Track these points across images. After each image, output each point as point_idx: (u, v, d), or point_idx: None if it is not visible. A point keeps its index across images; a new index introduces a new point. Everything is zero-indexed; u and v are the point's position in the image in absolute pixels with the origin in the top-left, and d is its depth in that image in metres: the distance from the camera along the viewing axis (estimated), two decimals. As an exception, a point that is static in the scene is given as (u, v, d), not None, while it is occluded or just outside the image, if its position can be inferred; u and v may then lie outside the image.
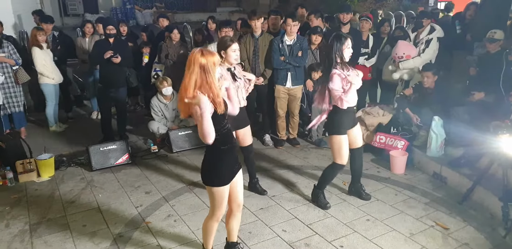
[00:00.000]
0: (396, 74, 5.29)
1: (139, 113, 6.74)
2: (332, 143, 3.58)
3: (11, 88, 5.35)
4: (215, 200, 2.65)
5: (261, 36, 4.97)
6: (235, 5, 21.02)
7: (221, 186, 2.59)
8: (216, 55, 2.42)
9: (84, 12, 17.65)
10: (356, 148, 3.71)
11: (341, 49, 3.37)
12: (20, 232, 3.42)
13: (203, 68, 2.35)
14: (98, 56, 5.06)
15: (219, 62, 2.41)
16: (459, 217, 3.52)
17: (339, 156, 3.57)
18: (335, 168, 3.65)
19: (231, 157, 2.63)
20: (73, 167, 4.71)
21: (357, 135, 3.68)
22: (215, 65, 2.40)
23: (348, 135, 3.58)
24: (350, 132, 3.60)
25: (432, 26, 5.30)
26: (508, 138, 3.32)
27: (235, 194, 2.78)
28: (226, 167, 2.61)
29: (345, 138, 3.53)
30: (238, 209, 2.85)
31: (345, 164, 3.60)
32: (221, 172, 2.59)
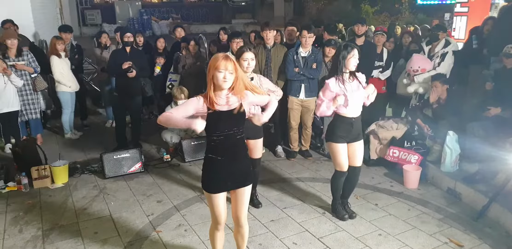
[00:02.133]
0: (410, 87, 5.26)
1: (153, 122, 6.80)
2: (329, 149, 3.68)
3: (29, 96, 5.48)
4: (208, 205, 2.68)
5: (273, 47, 5.02)
6: (250, 17, 21.29)
7: (207, 192, 2.61)
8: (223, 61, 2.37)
9: (102, 22, 18.07)
10: (352, 166, 3.64)
11: (346, 58, 3.39)
12: (33, 238, 3.46)
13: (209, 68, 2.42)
14: (115, 65, 5.15)
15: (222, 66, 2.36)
16: (474, 234, 3.45)
17: (335, 163, 3.63)
18: (336, 175, 3.68)
19: (223, 170, 2.54)
20: (86, 174, 4.77)
21: (355, 152, 3.61)
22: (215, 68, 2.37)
23: (348, 149, 3.58)
24: (349, 146, 3.58)
25: (447, 39, 5.28)
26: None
27: (233, 208, 2.72)
28: (214, 177, 2.56)
29: (340, 147, 3.54)
30: (238, 224, 2.76)
31: (344, 170, 3.60)
32: (208, 179, 2.59)
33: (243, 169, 2.63)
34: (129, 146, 5.33)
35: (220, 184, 2.58)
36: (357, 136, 3.59)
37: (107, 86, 6.43)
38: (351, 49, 3.38)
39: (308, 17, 15.89)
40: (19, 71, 5.30)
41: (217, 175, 2.56)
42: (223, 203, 2.65)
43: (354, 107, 3.48)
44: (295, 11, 18.72)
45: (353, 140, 3.58)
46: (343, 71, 3.43)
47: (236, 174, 2.59)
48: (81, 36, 16.25)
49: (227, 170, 2.56)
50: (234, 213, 2.74)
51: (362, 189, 4.27)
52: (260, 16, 20.31)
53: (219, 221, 2.70)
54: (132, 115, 5.54)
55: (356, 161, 3.64)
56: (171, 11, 20.87)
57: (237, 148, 2.58)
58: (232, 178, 2.58)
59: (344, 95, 3.40)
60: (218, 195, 2.60)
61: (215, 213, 2.67)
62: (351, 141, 3.57)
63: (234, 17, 21.11)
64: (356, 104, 3.48)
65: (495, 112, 4.36)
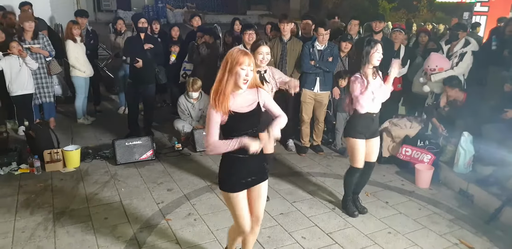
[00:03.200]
0: (426, 86, 5.19)
1: (166, 110, 6.82)
2: (347, 145, 3.67)
3: (43, 79, 5.50)
4: (229, 207, 2.57)
5: (289, 40, 4.97)
6: (265, 9, 21.15)
7: (230, 192, 2.49)
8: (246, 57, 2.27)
9: (117, 9, 18.07)
10: (367, 161, 3.62)
11: (370, 53, 3.36)
12: (44, 220, 3.50)
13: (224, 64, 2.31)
14: (131, 52, 5.14)
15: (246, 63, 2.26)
16: (485, 236, 3.42)
17: (353, 158, 3.61)
18: (351, 171, 3.66)
19: (244, 168, 2.47)
20: (98, 159, 4.79)
21: (372, 147, 3.60)
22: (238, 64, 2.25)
23: (366, 144, 3.56)
24: (367, 142, 3.57)
25: (467, 39, 5.18)
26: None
27: (252, 206, 2.62)
28: (236, 175, 2.47)
29: (359, 142, 3.53)
30: (256, 222, 2.68)
31: (360, 167, 3.59)
32: (229, 179, 2.48)
33: (260, 165, 2.56)
34: (141, 133, 5.35)
35: (241, 182, 2.48)
36: (375, 131, 3.60)
37: (120, 73, 6.44)
38: (375, 44, 3.35)
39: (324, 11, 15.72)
40: (34, 54, 5.32)
41: (239, 173, 2.47)
42: (246, 204, 2.54)
43: (377, 104, 3.48)
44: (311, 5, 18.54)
45: (371, 136, 3.56)
46: (367, 67, 3.39)
47: (254, 171, 2.52)
48: (96, 21, 16.28)
49: (246, 167, 2.48)
50: (254, 212, 2.62)
51: (373, 186, 4.25)
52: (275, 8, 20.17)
53: (245, 228, 2.56)
54: (145, 103, 5.55)
55: (372, 156, 3.64)
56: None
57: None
58: (251, 174, 2.50)
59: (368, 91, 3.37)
60: (240, 194, 2.50)
61: (238, 213, 2.52)
62: (369, 137, 3.56)
63: (249, 8, 20.99)
64: (379, 101, 3.47)
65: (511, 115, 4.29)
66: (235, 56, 2.27)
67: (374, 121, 3.54)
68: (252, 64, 2.29)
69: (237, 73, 2.27)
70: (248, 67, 2.27)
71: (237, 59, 2.25)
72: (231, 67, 2.27)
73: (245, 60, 2.25)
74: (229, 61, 2.28)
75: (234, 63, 2.26)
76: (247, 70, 2.27)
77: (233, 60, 2.27)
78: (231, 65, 2.27)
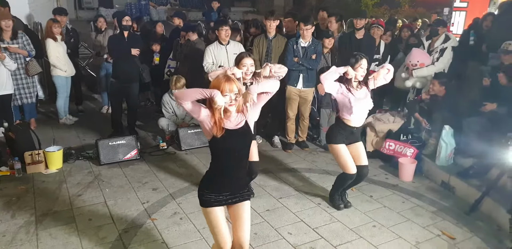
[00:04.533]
0: (409, 82, 5.26)
1: (150, 109, 6.76)
2: (332, 154, 3.67)
3: (23, 80, 5.38)
4: (208, 224, 2.47)
5: (275, 38, 4.97)
6: (249, 6, 21.05)
7: (202, 207, 2.44)
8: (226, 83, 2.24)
9: (99, 6, 17.77)
10: (359, 165, 3.61)
11: (354, 67, 3.38)
12: (26, 223, 3.44)
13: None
14: (114, 51, 5.09)
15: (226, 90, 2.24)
16: (466, 227, 3.49)
17: (341, 165, 3.61)
18: (344, 177, 3.65)
19: (221, 184, 2.41)
20: (81, 160, 4.73)
21: (357, 150, 3.61)
22: (221, 92, 2.23)
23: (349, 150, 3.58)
24: (349, 147, 3.59)
25: (447, 35, 5.27)
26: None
27: (233, 230, 2.47)
28: (210, 189, 2.41)
29: (341, 147, 3.54)
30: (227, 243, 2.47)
31: (352, 173, 3.56)
32: (203, 192, 2.43)
33: (245, 183, 2.53)
34: (125, 133, 5.29)
35: (214, 197, 2.40)
36: (356, 139, 3.63)
37: (102, 72, 6.36)
38: (360, 59, 3.37)
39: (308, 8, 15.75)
40: (13, 54, 5.21)
41: (212, 188, 2.41)
42: (223, 219, 2.43)
43: (358, 117, 3.49)
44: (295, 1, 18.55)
45: (352, 142, 3.60)
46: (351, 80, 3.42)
47: (238, 189, 2.46)
48: (77, 19, 16.00)
49: (230, 186, 2.43)
50: (235, 236, 2.45)
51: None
52: (259, 5, 20.09)
53: (222, 244, 2.43)
54: (129, 102, 5.48)
55: (361, 159, 3.62)
56: (170, -4, 20.57)
57: (243, 163, 2.47)
58: (230, 191, 2.43)
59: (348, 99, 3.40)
60: (215, 210, 2.40)
61: (215, 230, 2.42)
62: (350, 143, 3.59)
63: (233, 5, 20.86)
64: (361, 113, 3.48)
65: (491, 107, 4.37)
66: (216, 84, 2.27)
67: (354, 134, 3.57)
68: (235, 89, 2.27)
69: None
70: (230, 93, 2.26)
71: (217, 87, 2.24)
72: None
73: (226, 88, 2.24)
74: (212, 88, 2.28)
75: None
76: (230, 95, 2.27)
77: (214, 88, 2.25)
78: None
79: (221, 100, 2.23)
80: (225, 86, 2.24)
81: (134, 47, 5.11)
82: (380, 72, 3.46)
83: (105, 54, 6.08)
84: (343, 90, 3.43)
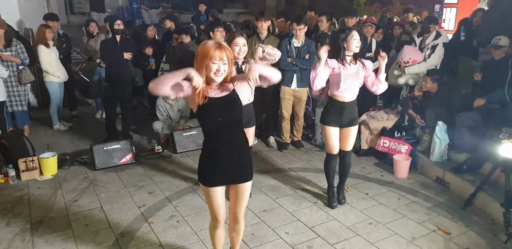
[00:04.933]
0: (401, 79, 5.28)
1: (144, 113, 6.75)
2: (321, 131, 3.75)
3: (14, 87, 5.33)
4: (206, 199, 2.54)
5: (267, 38, 4.98)
6: (241, 7, 21.08)
7: (203, 185, 2.46)
8: (217, 50, 2.17)
9: (90, 11, 17.74)
10: (342, 150, 3.66)
11: (346, 40, 3.37)
12: (21, 231, 3.42)
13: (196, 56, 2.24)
14: (107, 55, 5.08)
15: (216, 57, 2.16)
16: (461, 222, 3.51)
17: (326, 144, 3.71)
18: (327, 158, 3.75)
19: (216, 160, 2.38)
20: (76, 165, 4.72)
21: (346, 137, 3.61)
22: (208, 58, 2.16)
23: (341, 133, 3.61)
24: (341, 131, 3.61)
25: (438, 31, 5.30)
26: (511, 143, 3.32)
27: (232, 204, 2.58)
28: (209, 168, 2.40)
29: (330, 130, 3.57)
30: (234, 221, 2.63)
31: (333, 153, 3.65)
32: (203, 171, 2.43)
33: (243, 163, 2.45)
34: (119, 137, 5.29)
35: (217, 177, 2.41)
36: (351, 121, 3.58)
37: (95, 77, 6.35)
38: (350, 31, 3.37)
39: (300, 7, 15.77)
40: (5, 62, 5.19)
41: (215, 167, 2.39)
42: (221, 198, 2.49)
43: (347, 91, 3.47)
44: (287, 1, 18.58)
45: (346, 125, 3.58)
46: (346, 55, 3.41)
47: (235, 167, 2.42)
48: (68, 24, 15.95)
49: (225, 162, 2.39)
50: (232, 209, 2.59)
51: (353, 179, 4.31)
52: (252, 6, 20.12)
53: (217, 217, 2.54)
54: (123, 106, 5.48)
55: (346, 146, 3.67)
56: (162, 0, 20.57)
57: (236, 139, 2.39)
58: (231, 171, 2.41)
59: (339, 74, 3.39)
60: (215, 188, 2.43)
61: (213, 209, 2.51)
62: (344, 126, 3.58)
63: (226, 6, 20.88)
64: (350, 88, 3.46)
65: (478, 104, 4.36)
66: (204, 49, 2.18)
67: (345, 110, 3.50)
68: (225, 58, 2.17)
69: (208, 67, 2.18)
70: (220, 61, 2.16)
71: (206, 53, 2.16)
72: (201, 61, 2.19)
73: (215, 54, 2.14)
74: (199, 54, 2.20)
75: (205, 57, 2.17)
76: (219, 64, 2.17)
77: (203, 54, 2.17)
78: (202, 58, 2.19)
79: (198, 78, 2.14)
80: (215, 53, 2.14)
81: (127, 51, 5.11)
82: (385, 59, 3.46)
83: (98, 59, 6.07)
84: (334, 66, 3.41)
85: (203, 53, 2.18)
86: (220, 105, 2.28)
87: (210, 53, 2.16)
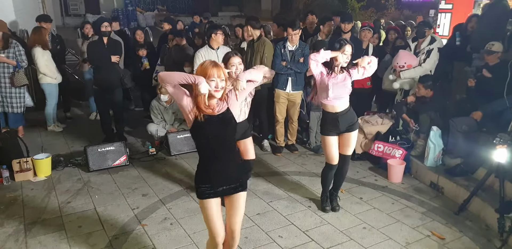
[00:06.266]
0: (396, 83, 5.30)
1: (138, 115, 6.73)
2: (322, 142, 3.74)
3: (7, 89, 5.24)
4: (203, 215, 2.50)
5: (257, 41, 4.97)
6: (236, 10, 21.14)
7: (199, 198, 2.47)
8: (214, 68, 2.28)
9: (86, 13, 17.70)
10: (341, 154, 3.65)
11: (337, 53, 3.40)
12: (15, 232, 3.40)
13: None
14: (95, 57, 5.07)
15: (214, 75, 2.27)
16: (455, 227, 3.53)
17: (325, 155, 3.69)
18: (325, 169, 3.74)
19: (216, 174, 2.42)
20: (70, 167, 4.69)
21: (346, 141, 3.61)
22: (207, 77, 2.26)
23: (340, 138, 3.62)
24: (340, 136, 3.62)
25: (432, 36, 5.33)
26: (505, 149, 3.34)
27: (227, 218, 2.56)
28: (206, 182, 2.43)
29: (329, 139, 3.57)
30: (230, 236, 2.58)
31: (332, 163, 3.64)
32: (199, 185, 2.44)
33: (236, 174, 2.49)
34: (113, 139, 5.26)
35: (210, 190, 2.43)
36: (350, 126, 3.57)
37: (86, 76, 6.31)
38: (343, 45, 3.38)
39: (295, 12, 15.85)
40: (1, 63, 5.15)
41: (209, 180, 2.43)
42: (217, 212, 2.47)
43: (337, 101, 3.49)
44: (283, 5, 18.66)
45: (345, 131, 3.58)
46: (335, 65, 3.43)
47: (228, 179, 2.46)
48: (64, 26, 15.91)
49: (216, 174, 2.43)
50: (228, 223, 2.56)
51: (347, 183, 4.31)
52: (247, 9, 20.19)
53: (215, 235, 2.49)
54: (114, 108, 5.43)
55: (345, 149, 3.66)
56: (157, 2, 20.60)
57: (228, 152, 2.46)
58: (224, 183, 2.45)
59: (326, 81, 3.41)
60: (209, 201, 2.44)
61: (209, 224, 2.47)
62: (342, 132, 3.59)
63: (221, 9, 20.94)
64: (340, 97, 3.48)
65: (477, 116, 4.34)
66: (204, 69, 2.28)
67: (340, 119, 3.51)
68: (222, 75, 2.30)
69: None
70: (217, 78, 2.27)
71: (205, 72, 2.27)
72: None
73: (213, 72, 2.26)
74: (198, 74, 2.29)
75: (203, 76, 2.27)
76: (217, 81, 2.28)
77: (202, 74, 2.28)
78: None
79: (205, 88, 2.23)
80: (212, 72, 2.25)
81: (115, 54, 5.08)
82: (364, 60, 3.41)
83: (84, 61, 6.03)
84: (323, 70, 3.44)
85: (201, 73, 2.29)
86: (215, 123, 2.36)
87: (208, 72, 2.27)
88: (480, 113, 4.24)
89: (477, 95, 4.58)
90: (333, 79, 3.43)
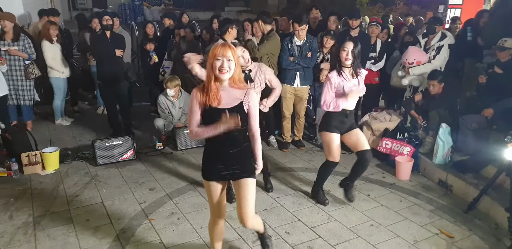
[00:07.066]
0: (405, 80, 5.26)
1: (146, 109, 6.73)
2: (322, 140, 3.69)
3: (19, 81, 5.33)
4: (206, 194, 2.63)
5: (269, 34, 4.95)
6: (243, 5, 21.04)
7: (203, 179, 2.56)
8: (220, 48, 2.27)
9: (93, 7, 17.70)
10: (361, 150, 3.61)
11: (339, 51, 3.39)
12: (24, 224, 3.42)
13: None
14: (98, 51, 5.06)
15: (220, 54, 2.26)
16: (464, 226, 3.50)
17: (328, 153, 3.65)
18: (327, 165, 3.71)
19: (218, 159, 2.48)
20: (77, 161, 4.71)
21: (356, 137, 3.59)
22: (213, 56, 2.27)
23: (348, 138, 3.60)
24: (346, 136, 3.60)
25: (443, 32, 5.27)
26: (516, 147, 3.30)
27: (237, 204, 2.61)
28: (210, 164, 2.52)
29: (333, 136, 3.55)
30: (240, 220, 2.62)
31: (336, 161, 3.63)
32: (204, 166, 2.56)
33: (242, 159, 2.51)
34: (121, 133, 5.27)
35: (216, 172, 2.50)
36: (350, 126, 3.62)
37: (93, 68, 6.30)
38: (344, 42, 3.37)
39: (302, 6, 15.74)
40: (12, 56, 5.17)
41: (214, 162, 2.49)
42: (219, 193, 2.58)
43: (350, 101, 3.49)
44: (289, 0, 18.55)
45: (348, 130, 3.59)
46: (341, 65, 3.42)
47: (232, 165, 2.49)
48: (71, 20, 15.92)
49: (224, 158, 2.48)
50: (238, 212, 2.60)
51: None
52: (253, 4, 20.08)
53: (215, 212, 2.63)
54: (120, 102, 5.41)
55: (362, 144, 3.59)
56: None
57: (236, 138, 2.45)
58: (227, 168, 2.49)
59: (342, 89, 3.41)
60: (214, 183, 2.53)
61: (211, 203, 2.61)
62: (345, 131, 3.59)
63: (227, 4, 20.85)
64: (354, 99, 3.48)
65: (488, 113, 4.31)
66: (212, 49, 2.30)
67: (348, 117, 3.55)
68: (230, 55, 2.26)
69: (213, 65, 2.28)
70: (223, 57, 2.24)
71: (211, 52, 2.29)
72: (209, 61, 2.30)
73: (219, 51, 2.24)
74: (209, 56, 2.31)
75: (211, 56, 2.29)
76: (223, 60, 2.25)
77: (210, 53, 2.30)
78: (209, 59, 2.30)
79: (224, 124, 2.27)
80: (218, 50, 2.24)
81: (118, 47, 5.07)
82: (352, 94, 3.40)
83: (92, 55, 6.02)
84: (337, 84, 3.42)
85: (210, 54, 2.30)
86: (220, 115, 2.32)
87: (215, 51, 2.27)
88: (491, 111, 4.19)
89: (488, 93, 4.52)
90: (347, 85, 3.42)
